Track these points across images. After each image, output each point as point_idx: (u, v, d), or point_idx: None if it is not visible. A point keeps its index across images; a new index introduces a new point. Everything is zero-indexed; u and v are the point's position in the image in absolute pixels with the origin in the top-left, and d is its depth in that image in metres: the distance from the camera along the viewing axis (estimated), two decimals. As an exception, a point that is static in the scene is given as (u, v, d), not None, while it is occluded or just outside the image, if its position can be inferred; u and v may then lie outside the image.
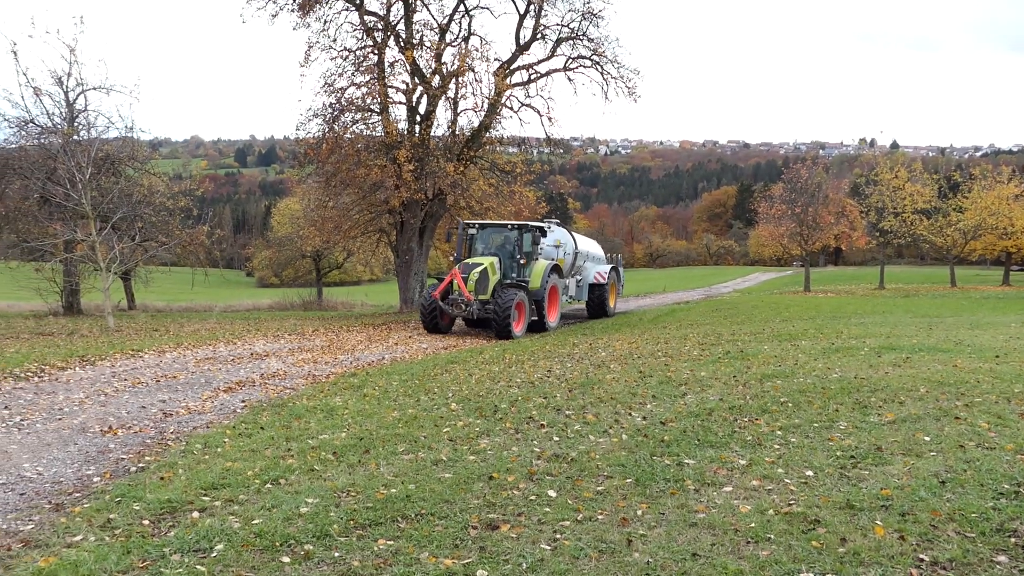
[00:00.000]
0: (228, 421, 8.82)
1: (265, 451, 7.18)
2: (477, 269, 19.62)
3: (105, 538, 5.02)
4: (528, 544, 4.75)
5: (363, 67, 26.31)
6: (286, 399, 10.08)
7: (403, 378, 11.41)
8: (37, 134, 25.82)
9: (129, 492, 5.97)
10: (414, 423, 8.14)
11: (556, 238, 23.46)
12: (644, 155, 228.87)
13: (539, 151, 34.14)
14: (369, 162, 25.72)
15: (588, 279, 25.49)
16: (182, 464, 6.81)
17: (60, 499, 6.05)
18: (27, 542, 5.06)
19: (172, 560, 4.59)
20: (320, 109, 26.48)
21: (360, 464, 6.62)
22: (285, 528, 5.01)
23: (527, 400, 9.16)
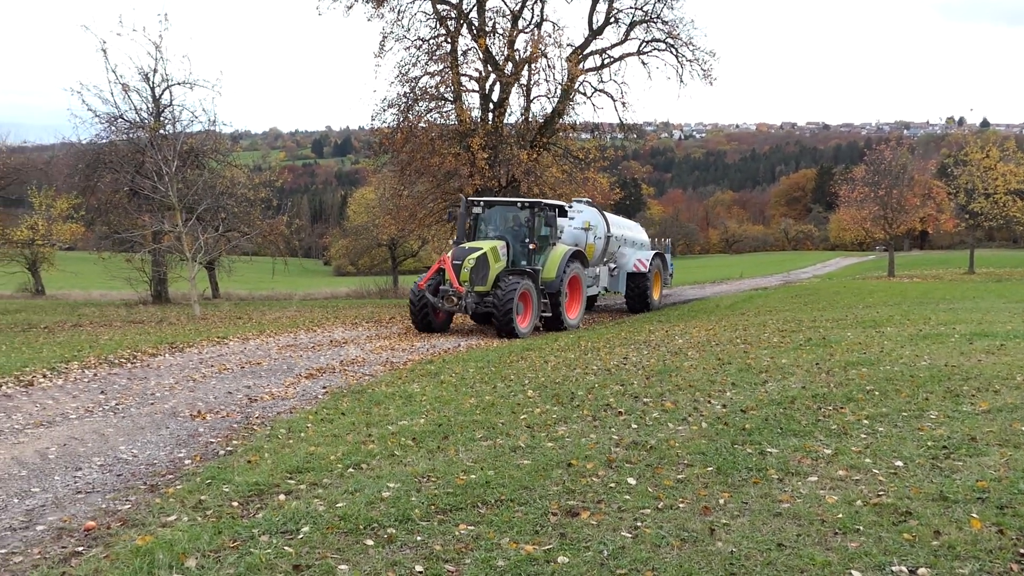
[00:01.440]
0: (310, 407, 9.03)
1: (346, 436, 7.33)
2: (473, 255, 16.58)
3: (197, 518, 5.20)
4: (609, 531, 4.72)
5: (436, 56, 26.48)
6: (365, 385, 10.26)
7: (479, 365, 11.49)
8: (126, 129, 26.87)
9: (218, 475, 6.16)
10: (491, 410, 8.19)
11: (585, 219, 20.93)
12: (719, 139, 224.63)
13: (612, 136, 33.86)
14: (443, 150, 25.91)
15: (627, 267, 22.93)
16: (268, 448, 7.00)
17: (154, 480, 6.30)
18: (125, 521, 5.28)
19: (261, 541, 4.72)
20: (395, 99, 26.81)
21: (439, 450, 6.69)
22: (368, 512, 5.10)
23: (604, 387, 9.12)
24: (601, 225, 21.34)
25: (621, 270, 22.84)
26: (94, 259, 29.38)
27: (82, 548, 4.82)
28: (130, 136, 26.82)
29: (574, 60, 26.90)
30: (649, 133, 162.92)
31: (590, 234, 20.78)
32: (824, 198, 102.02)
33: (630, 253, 23.16)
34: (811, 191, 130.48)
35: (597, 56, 28.21)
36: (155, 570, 4.32)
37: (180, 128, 26.20)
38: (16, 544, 4.95)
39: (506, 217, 18.51)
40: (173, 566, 4.38)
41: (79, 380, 10.60)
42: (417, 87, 26.40)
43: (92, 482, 6.29)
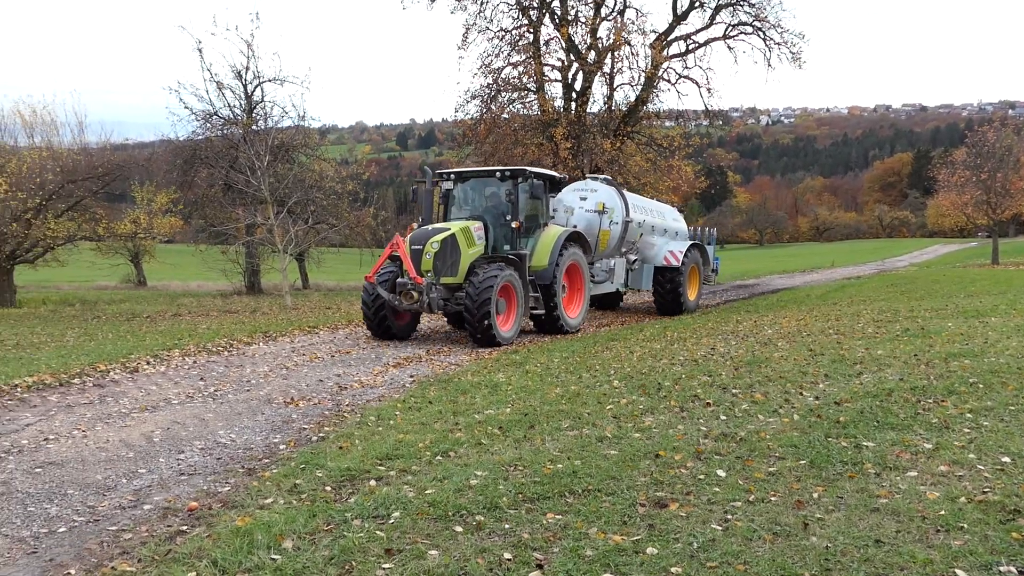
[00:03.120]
0: (398, 395, 9.19)
1: (434, 424, 7.43)
2: (438, 237, 13.27)
3: (293, 502, 5.37)
4: (698, 524, 4.66)
5: (519, 46, 26.52)
6: (451, 375, 10.39)
7: (564, 355, 11.48)
8: (220, 126, 27.83)
9: (312, 460, 6.34)
10: (577, 400, 8.17)
11: (600, 200, 17.74)
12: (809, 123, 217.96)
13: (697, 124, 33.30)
14: (526, 141, 25.96)
15: (655, 260, 19.05)
16: (358, 435, 7.16)
17: (251, 464, 6.52)
18: (225, 502, 5.49)
19: (354, 525, 4.84)
20: (478, 90, 27.00)
21: (526, 439, 6.72)
22: (457, 499, 5.17)
23: (691, 378, 8.99)
24: (619, 207, 17.86)
25: (647, 263, 19.07)
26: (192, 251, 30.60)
27: (186, 527, 5.04)
28: (224, 132, 27.77)
29: (658, 47, 26.53)
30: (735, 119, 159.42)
31: (605, 218, 17.57)
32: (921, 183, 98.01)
33: (660, 243, 19.44)
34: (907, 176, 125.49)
35: (681, 42, 27.79)
36: (254, 550, 4.48)
37: (271, 124, 27.04)
38: (125, 522, 5.21)
39: (484, 191, 15.05)
40: (271, 547, 4.53)
41: (180, 367, 11.05)
42: (500, 78, 26.53)
43: (194, 464, 6.56)
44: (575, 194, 18.03)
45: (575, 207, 17.68)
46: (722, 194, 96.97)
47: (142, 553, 4.60)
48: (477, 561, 4.28)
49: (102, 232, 25.36)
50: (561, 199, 17.44)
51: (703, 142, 36.86)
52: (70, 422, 7.95)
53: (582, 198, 17.90)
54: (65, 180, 23.36)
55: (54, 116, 26.80)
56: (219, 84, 27.36)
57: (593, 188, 18.13)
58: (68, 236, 24.20)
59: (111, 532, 5.03)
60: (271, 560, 4.36)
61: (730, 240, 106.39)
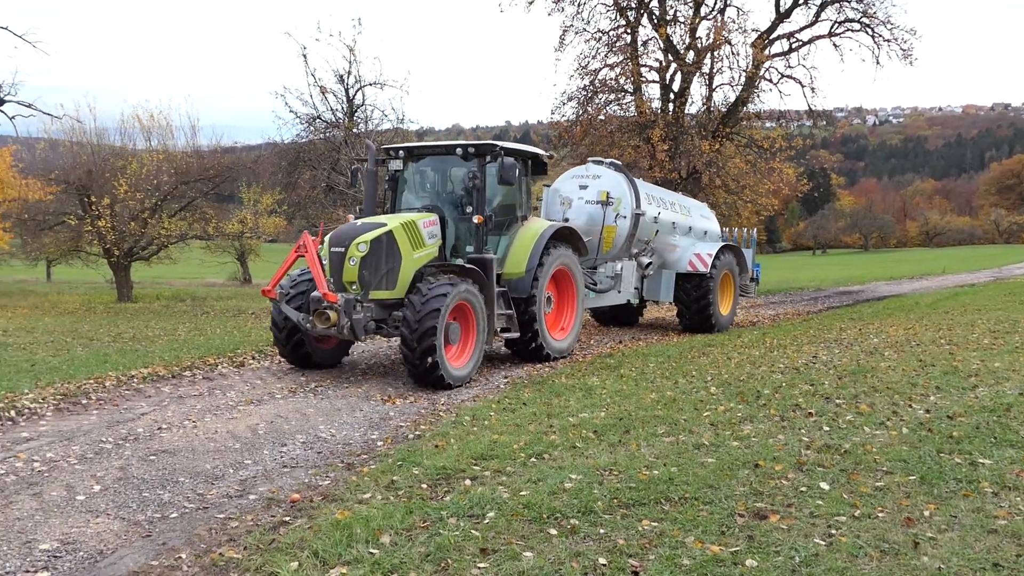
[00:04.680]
0: (492, 396, 9.25)
1: (528, 426, 7.45)
2: (367, 235, 9.80)
3: (390, 498, 5.47)
4: (800, 537, 4.52)
5: (616, 48, 26.32)
6: (545, 377, 10.39)
7: (659, 360, 11.34)
8: (323, 129, 28.63)
9: (408, 457, 6.45)
10: (673, 405, 8.05)
11: (602, 188, 14.55)
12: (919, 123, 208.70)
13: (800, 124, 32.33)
14: (622, 143, 25.75)
15: (678, 265, 15.80)
16: (453, 434, 7.24)
17: (350, 459, 6.68)
18: (326, 496, 5.65)
19: (449, 523, 4.90)
20: (574, 92, 26.88)
21: (620, 444, 6.66)
22: (551, 502, 5.16)
23: (792, 387, 8.73)
24: (627, 198, 14.59)
25: (667, 268, 15.86)
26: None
27: (288, 518, 5.20)
28: (326, 135, 28.57)
29: (759, 46, 25.87)
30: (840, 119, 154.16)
31: (609, 211, 14.46)
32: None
33: (683, 244, 16.09)
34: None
35: (784, 40, 26.97)
36: (353, 543, 4.58)
37: (371, 126, 27.65)
38: (232, 510, 5.42)
39: (443, 174, 11.80)
40: (369, 541, 4.63)
41: (283, 363, 11.41)
42: (597, 79, 26.39)
43: (296, 457, 6.77)
44: (573, 182, 15.13)
45: (573, 198, 14.82)
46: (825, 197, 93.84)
47: (248, 541, 4.77)
48: (572, 565, 4.26)
49: (211, 231, 26.52)
50: (557, 188, 15.08)
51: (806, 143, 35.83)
52: (181, 412, 8.32)
53: (582, 187, 14.90)
54: (178, 181, 24.55)
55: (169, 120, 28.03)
56: (322, 88, 28.13)
57: (595, 174, 15.00)
58: (180, 235, 25.42)
59: (219, 520, 5.24)
60: (369, 554, 4.45)
61: (833, 245, 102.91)
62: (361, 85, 28.66)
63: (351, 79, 28.43)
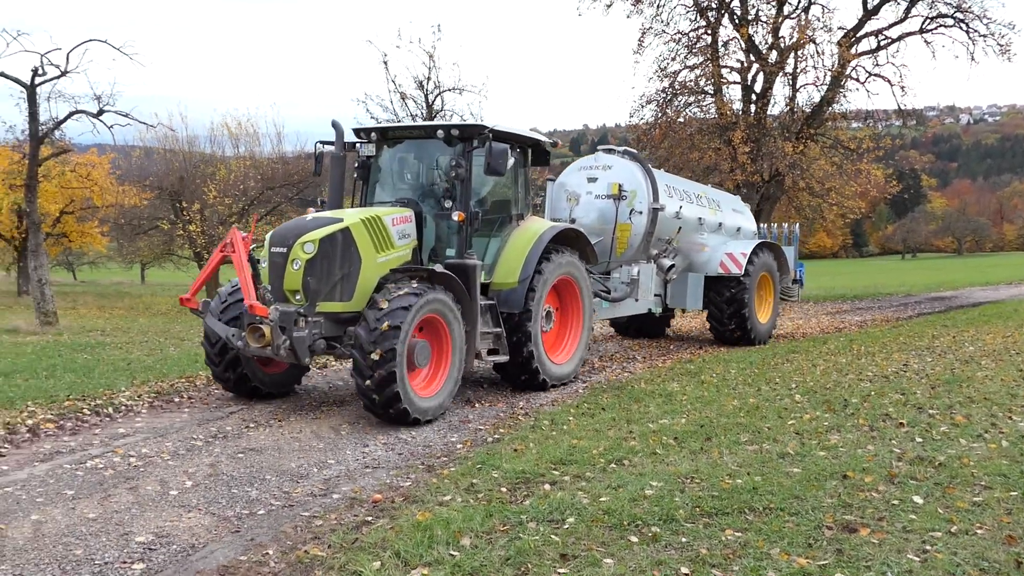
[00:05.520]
0: (571, 401, 9.22)
1: (608, 432, 7.39)
2: (315, 233, 8.14)
3: (470, 500, 5.50)
4: (892, 552, 4.36)
5: (696, 49, 25.98)
6: (624, 382, 10.30)
7: (741, 366, 11.11)
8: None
9: (487, 460, 6.47)
10: (756, 413, 7.88)
11: (614, 180, 12.84)
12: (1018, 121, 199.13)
13: (888, 124, 31.30)
14: (703, 145, 25.37)
15: (707, 266, 14.05)
16: (532, 438, 7.24)
17: (431, 461, 6.75)
18: (407, 497, 5.71)
19: (529, 527, 4.89)
20: (653, 95, 26.64)
21: (702, 451, 6.55)
22: (632, 508, 5.11)
23: (881, 395, 8.44)
24: (643, 190, 12.81)
25: (694, 271, 14.07)
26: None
27: (370, 518, 5.28)
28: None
29: (845, 44, 25.13)
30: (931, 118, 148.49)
31: (623, 206, 12.74)
32: None
33: (713, 242, 14.29)
34: None
35: (872, 38, 26.13)
36: (434, 545, 4.62)
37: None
38: (317, 509, 5.54)
39: (423, 161, 9.90)
40: (450, 543, 4.66)
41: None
42: (676, 82, 26.09)
43: (377, 458, 6.87)
44: (580, 174, 13.40)
45: (580, 192, 13.12)
46: (915, 199, 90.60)
47: (332, 540, 4.86)
48: (653, 573, 4.21)
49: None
50: (563, 182, 13.42)
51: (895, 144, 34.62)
52: (268, 411, 8.56)
53: (590, 179, 13.16)
54: (264, 187, 25.33)
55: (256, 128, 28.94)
56: (402, 95, 28.60)
57: (606, 164, 13.22)
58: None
59: (304, 517, 5.36)
60: (450, 556, 4.49)
61: (923, 248, 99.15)
62: (440, 90, 29.03)
63: (430, 85, 28.82)
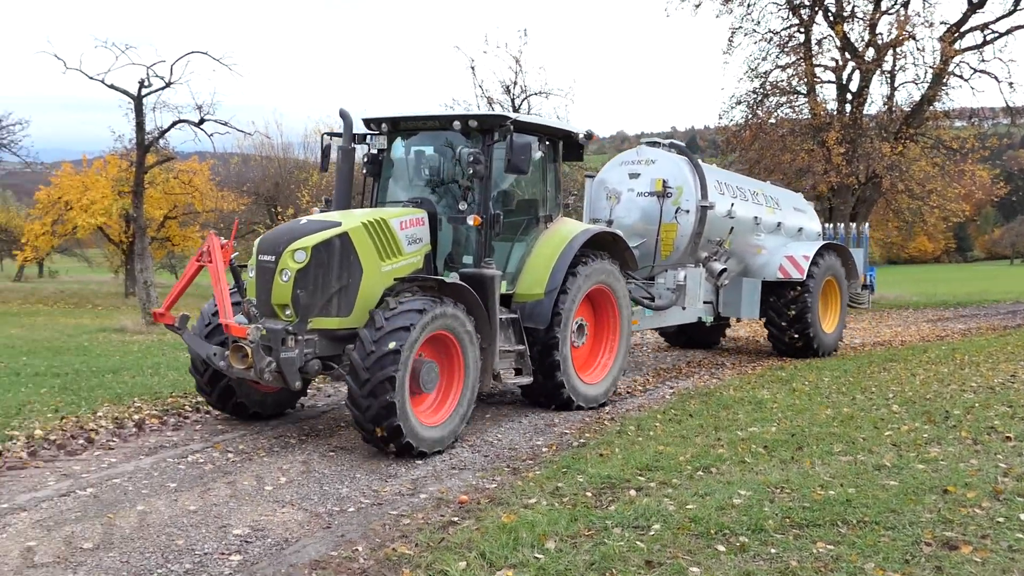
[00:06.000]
0: (657, 406, 9.13)
1: (695, 438, 7.29)
2: (308, 240, 7.04)
3: (555, 504, 5.51)
4: (996, 572, 4.17)
5: (788, 48, 25.40)
6: (713, 388, 10.14)
7: (835, 374, 10.78)
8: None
9: (573, 464, 6.47)
10: (850, 423, 7.64)
11: (658, 176, 11.64)
12: None
13: (995, 123, 29.93)
14: (795, 147, 24.75)
15: (765, 270, 12.76)
16: (618, 443, 7.20)
17: (516, 464, 6.79)
18: (492, 499, 5.77)
19: (614, 532, 4.87)
20: (743, 95, 26.23)
21: (793, 461, 6.39)
22: (719, 517, 5.03)
23: (986, 407, 8.05)
24: (690, 186, 11.59)
25: (750, 276, 12.79)
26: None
27: (456, 518, 5.35)
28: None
29: (948, 39, 24.11)
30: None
31: (668, 204, 11.54)
32: None
33: (771, 245, 12.96)
34: None
35: (978, 32, 25.00)
36: (519, 547, 4.65)
37: (537, 136, 28.03)
38: (404, 508, 5.65)
39: (440, 157, 8.72)
40: (535, 545, 4.69)
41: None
42: (767, 82, 25.60)
43: (464, 460, 6.95)
44: (622, 170, 12.20)
45: (621, 190, 11.94)
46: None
47: (419, 539, 4.95)
48: (741, 584, 4.14)
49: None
50: (603, 179, 12.29)
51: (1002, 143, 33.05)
52: (358, 412, 8.75)
53: (632, 175, 11.97)
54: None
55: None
56: (489, 99, 28.84)
57: (649, 158, 11.99)
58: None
59: (392, 516, 5.48)
60: (535, 559, 4.51)
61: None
62: (527, 95, 29.18)
63: (517, 89, 29.00)
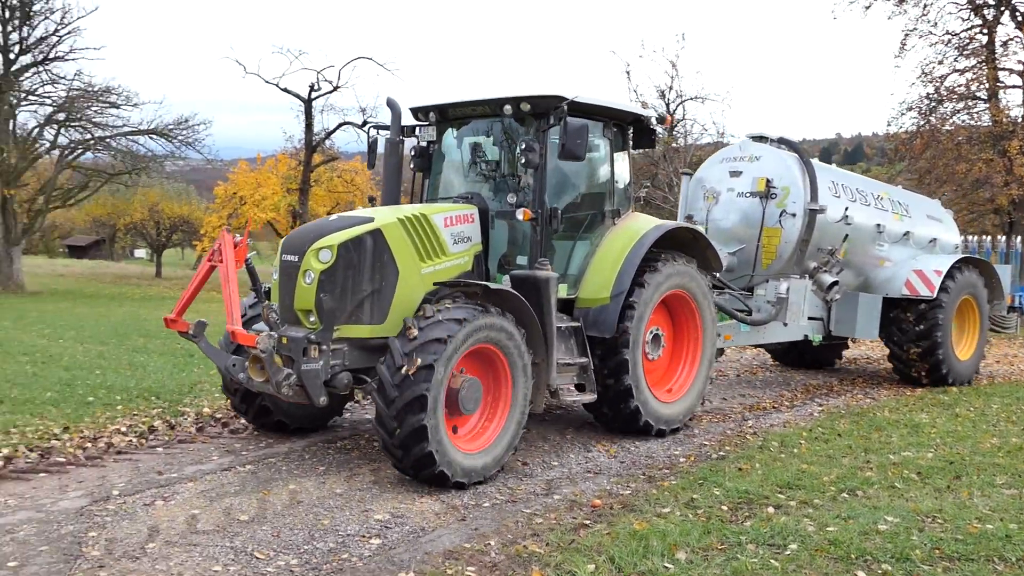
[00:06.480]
0: (804, 423, 8.80)
1: (842, 459, 7.00)
2: (334, 237, 6.22)
3: (689, 515, 5.46)
4: None
5: (968, 50, 23.77)
6: (865, 408, 9.66)
7: (1006, 401, 10.02)
8: (645, 144, 29.20)
9: (710, 477, 6.37)
10: (1018, 454, 7.09)
11: (761, 175, 10.27)
12: None
13: None
14: (971, 156, 23.12)
15: (889, 285, 11.16)
16: (759, 459, 7.01)
17: (652, 472, 6.75)
18: (625, 505, 5.77)
19: (747, 549, 4.78)
20: (914, 101, 24.80)
21: (949, 490, 6.02)
22: (861, 542, 4.83)
23: None
24: (798, 187, 10.17)
25: (869, 290, 11.24)
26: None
27: (588, 522, 5.40)
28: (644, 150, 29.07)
29: None
30: None
31: (771, 206, 10.21)
32: None
33: (897, 257, 11.33)
34: None
35: None
36: (649, 555, 4.65)
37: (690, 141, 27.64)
38: (538, 507, 5.75)
39: (492, 145, 7.72)
40: (665, 555, 4.67)
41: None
42: (943, 87, 24.05)
43: (599, 465, 6.99)
44: (722, 167, 10.92)
45: (721, 189, 10.69)
46: None
47: (550, 538, 5.03)
48: (880, 613, 3.96)
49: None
50: (702, 178, 11.09)
51: None
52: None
53: (733, 173, 10.66)
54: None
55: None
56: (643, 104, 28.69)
57: (753, 154, 10.60)
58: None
59: (525, 514, 5.59)
60: (664, 568, 4.50)
61: None
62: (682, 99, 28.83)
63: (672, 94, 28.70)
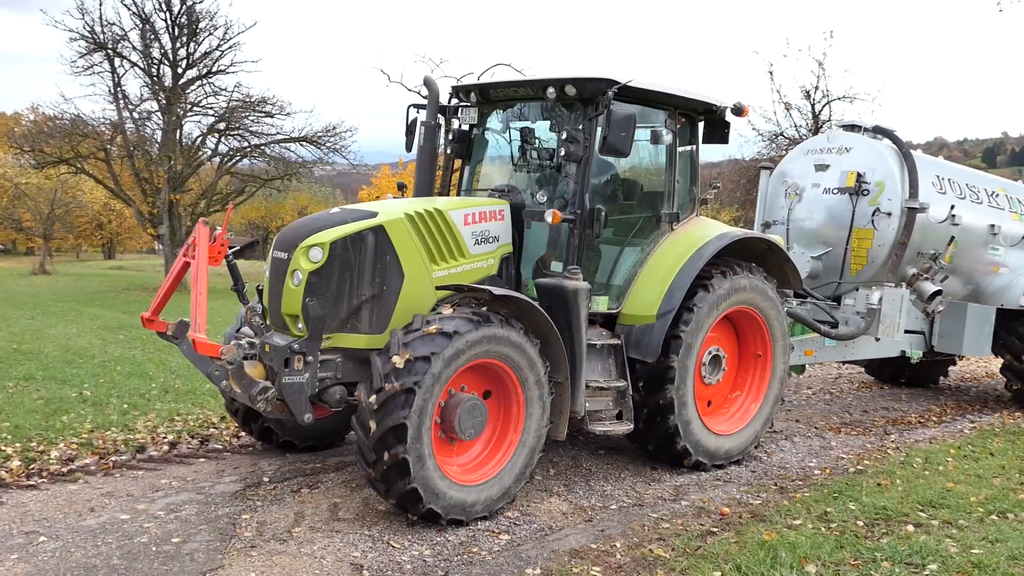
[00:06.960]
0: (952, 440, 8.36)
1: (993, 479, 6.63)
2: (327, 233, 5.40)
3: (821, 528, 5.33)
4: None
5: None
6: (1023, 428, 9.07)
7: None
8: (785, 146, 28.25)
9: (846, 491, 6.19)
10: None
11: (851, 169, 9.02)
12: None
13: None
14: None
15: (1004, 295, 9.89)
16: (900, 475, 6.74)
17: (784, 483, 6.62)
18: (754, 515, 5.70)
19: (883, 566, 4.64)
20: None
21: (1114, 518, 5.60)
22: (1009, 567, 4.59)
23: None
24: (895, 182, 8.89)
25: (980, 301, 9.92)
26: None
27: (716, 529, 5.38)
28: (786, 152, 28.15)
29: None
30: None
31: (863, 203, 9.00)
32: None
33: (1014, 263, 10.04)
34: None
35: None
36: (777, 566, 4.60)
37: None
38: (665, 512, 5.77)
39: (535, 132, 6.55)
40: (794, 567, 4.61)
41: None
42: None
43: (730, 472, 6.90)
44: (807, 160, 9.67)
45: (805, 185, 9.48)
46: None
47: (676, 543, 5.06)
48: (1026, 642, 3.77)
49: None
50: (784, 172, 9.88)
51: None
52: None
53: (819, 167, 9.42)
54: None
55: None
56: (787, 105, 27.78)
57: (844, 145, 9.37)
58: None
59: (652, 518, 5.62)
60: (792, 580, 4.43)
61: None
62: (829, 100, 27.70)
63: (818, 94, 27.64)
